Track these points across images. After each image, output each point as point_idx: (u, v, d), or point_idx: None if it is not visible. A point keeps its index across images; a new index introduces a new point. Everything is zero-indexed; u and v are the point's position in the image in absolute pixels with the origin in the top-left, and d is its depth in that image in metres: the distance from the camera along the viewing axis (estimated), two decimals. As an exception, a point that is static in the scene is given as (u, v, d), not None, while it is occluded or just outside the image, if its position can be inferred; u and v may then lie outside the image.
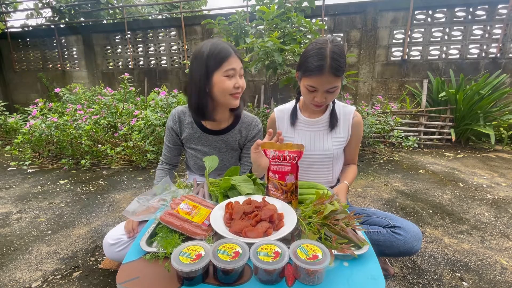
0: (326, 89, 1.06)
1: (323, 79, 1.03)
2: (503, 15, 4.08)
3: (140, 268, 0.69)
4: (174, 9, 8.27)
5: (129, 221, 1.05)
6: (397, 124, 3.93)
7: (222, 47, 1.06)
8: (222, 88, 1.07)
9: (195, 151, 1.29)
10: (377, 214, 1.14)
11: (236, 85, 1.08)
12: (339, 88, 1.09)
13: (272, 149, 0.95)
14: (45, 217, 2.02)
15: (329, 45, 1.04)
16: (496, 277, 1.36)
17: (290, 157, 0.92)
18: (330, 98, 1.10)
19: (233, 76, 1.08)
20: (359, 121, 1.25)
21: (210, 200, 0.98)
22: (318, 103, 1.11)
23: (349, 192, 2.38)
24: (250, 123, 1.27)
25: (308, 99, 1.14)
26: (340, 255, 0.70)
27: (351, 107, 1.26)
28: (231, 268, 0.60)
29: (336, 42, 1.06)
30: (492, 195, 2.34)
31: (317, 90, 1.08)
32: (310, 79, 1.06)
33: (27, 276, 1.38)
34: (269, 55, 2.81)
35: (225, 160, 1.28)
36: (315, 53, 1.04)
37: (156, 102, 3.51)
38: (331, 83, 1.04)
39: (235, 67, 1.07)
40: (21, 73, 6.88)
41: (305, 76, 1.08)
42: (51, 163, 3.24)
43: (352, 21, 4.73)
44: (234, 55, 1.08)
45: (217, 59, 1.05)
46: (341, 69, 1.03)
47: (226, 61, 1.05)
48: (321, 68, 1.01)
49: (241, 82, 1.11)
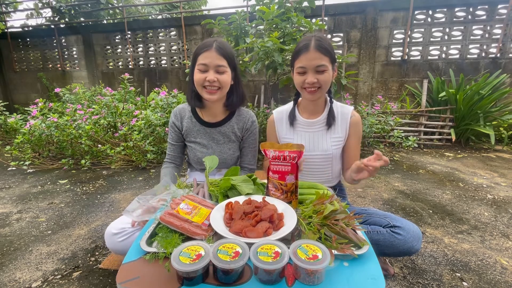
0: (313, 67, 1.10)
1: (309, 55, 1.10)
2: (503, 15, 4.08)
3: (140, 268, 0.68)
4: (174, 9, 8.28)
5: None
6: (397, 124, 3.93)
7: (203, 43, 1.16)
8: (195, 80, 1.18)
9: (194, 144, 1.34)
10: (377, 214, 1.14)
11: (206, 79, 1.14)
12: (329, 71, 1.12)
13: (272, 149, 0.95)
14: (45, 217, 2.02)
15: (314, 34, 1.15)
16: (496, 277, 1.36)
17: (290, 157, 0.92)
18: (322, 80, 1.12)
19: (205, 71, 1.15)
20: (357, 120, 1.25)
21: (210, 200, 0.98)
22: (310, 86, 1.13)
23: (349, 193, 2.38)
24: (245, 116, 1.35)
25: (301, 85, 1.16)
26: (340, 255, 0.70)
27: (349, 107, 1.27)
28: (231, 268, 0.60)
29: (320, 34, 1.17)
30: (492, 195, 2.34)
31: (306, 71, 1.12)
32: (299, 61, 1.13)
33: (27, 276, 1.38)
34: (269, 55, 2.81)
35: (223, 151, 1.33)
36: (301, 41, 1.16)
37: (156, 102, 3.51)
38: (317, 60, 1.10)
39: (206, 62, 1.14)
40: (21, 73, 6.88)
41: (295, 61, 1.16)
42: (51, 163, 3.24)
43: (352, 21, 4.73)
44: (211, 51, 1.14)
45: (195, 54, 1.18)
46: (326, 48, 1.10)
47: (200, 55, 1.15)
48: (307, 46, 1.11)
49: (214, 77, 1.15)
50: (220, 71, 1.16)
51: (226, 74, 1.18)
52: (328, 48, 1.11)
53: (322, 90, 1.15)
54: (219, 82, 1.16)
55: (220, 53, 1.15)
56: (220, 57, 1.15)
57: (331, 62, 1.12)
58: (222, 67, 1.16)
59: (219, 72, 1.16)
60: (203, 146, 1.32)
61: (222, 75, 1.17)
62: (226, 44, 1.19)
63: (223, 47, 1.16)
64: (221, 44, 1.17)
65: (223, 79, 1.17)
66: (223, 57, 1.15)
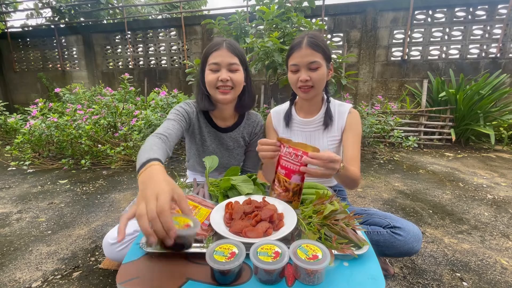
0: (306, 64, 1.10)
1: (301, 52, 1.09)
2: (503, 15, 4.08)
3: (140, 268, 0.68)
4: (174, 9, 8.28)
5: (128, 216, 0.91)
6: (397, 124, 3.93)
7: (213, 43, 1.13)
8: (207, 81, 1.14)
9: (203, 146, 1.28)
10: (377, 214, 1.13)
11: (219, 78, 1.10)
12: (322, 68, 1.10)
13: (287, 144, 0.93)
14: (45, 217, 2.02)
15: (307, 33, 1.15)
16: (496, 277, 1.36)
17: (301, 157, 0.89)
18: (315, 77, 1.10)
19: (217, 70, 1.12)
20: (354, 116, 1.22)
21: (210, 200, 0.98)
22: (303, 83, 1.12)
23: (349, 193, 2.38)
24: (254, 120, 1.33)
25: (294, 83, 1.15)
26: (340, 255, 0.70)
27: (347, 105, 1.24)
28: (226, 269, 0.60)
29: (315, 32, 1.18)
30: (492, 195, 2.34)
31: (299, 68, 1.12)
32: (292, 58, 1.13)
33: (27, 276, 1.38)
34: (269, 55, 2.81)
35: (232, 157, 1.31)
36: (295, 39, 1.16)
37: (156, 102, 3.51)
38: (309, 57, 1.09)
39: (217, 61, 1.10)
40: (21, 73, 6.88)
41: (288, 58, 1.16)
42: (51, 163, 3.24)
43: (352, 21, 4.73)
44: (222, 49, 1.11)
45: (205, 54, 1.14)
46: (318, 44, 1.09)
47: (210, 55, 1.12)
48: (299, 43, 1.11)
49: (227, 76, 1.10)
50: (233, 69, 1.12)
51: (239, 73, 1.14)
52: (320, 45, 1.09)
53: (315, 88, 1.13)
54: (232, 81, 1.12)
55: (231, 51, 1.11)
56: (231, 55, 1.11)
57: (324, 59, 1.11)
58: (234, 65, 1.12)
59: (232, 71, 1.12)
60: (213, 151, 1.28)
61: (235, 74, 1.13)
62: (236, 43, 1.17)
63: (234, 45, 1.14)
64: (232, 43, 1.14)
65: (236, 77, 1.12)
66: (234, 55, 1.12)
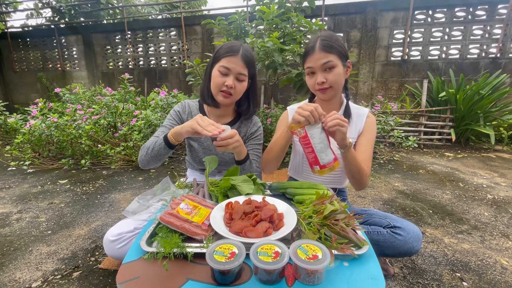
0: (320, 65, 1.10)
1: (315, 56, 1.11)
2: (503, 15, 4.08)
3: (140, 268, 0.68)
4: (174, 9, 8.28)
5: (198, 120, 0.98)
6: (397, 124, 3.93)
7: (231, 45, 1.15)
8: (213, 82, 1.17)
9: (198, 143, 1.31)
10: (377, 214, 1.13)
11: (225, 83, 1.13)
12: (338, 67, 1.11)
13: (300, 128, 0.97)
14: (45, 217, 2.02)
15: (320, 34, 1.16)
16: (496, 277, 1.36)
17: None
18: (331, 79, 1.11)
19: (225, 74, 1.14)
20: (372, 120, 1.25)
21: (210, 200, 0.98)
22: (320, 85, 1.13)
23: (349, 193, 2.38)
24: (250, 121, 1.34)
25: (312, 86, 1.17)
26: (340, 255, 0.70)
27: (365, 109, 1.26)
28: (226, 269, 0.60)
29: (326, 31, 1.18)
30: (492, 195, 2.34)
31: (314, 71, 1.13)
32: (307, 62, 1.15)
33: (27, 276, 1.38)
34: (269, 55, 2.81)
35: (225, 154, 1.31)
36: (309, 41, 1.19)
37: (156, 102, 3.50)
38: (323, 58, 1.10)
39: (229, 67, 1.13)
40: (21, 73, 6.88)
41: (304, 62, 1.17)
42: (51, 163, 3.24)
43: (352, 21, 4.73)
44: (237, 57, 1.13)
45: (220, 53, 1.15)
46: (331, 46, 1.10)
47: (224, 58, 1.14)
48: (312, 47, 1.12)
49: (232, 83, 1.14)
50: (240, 79, 1.17)
51: (244, 83, 1.19)
52: (334, 45, 1.10)
53: (333, 89, 1.14)
54: (235, 89, 1.16)
55: (244, 62, 1.15)
56: (243, 66, 1.15)
57: (340, 58, 1.11)
58: (242, 76, 1.16)
59: (239, 80, 1.17)
60: (206, 147, 1.30)
61: (240, 83, 1.17)
62: (251, 52, 1.20)
63: (249, 56, 1.17)
64: (247, 52, 1.17)
65: (240, 87, 1.17)
66: (246, 66, 1.16)
